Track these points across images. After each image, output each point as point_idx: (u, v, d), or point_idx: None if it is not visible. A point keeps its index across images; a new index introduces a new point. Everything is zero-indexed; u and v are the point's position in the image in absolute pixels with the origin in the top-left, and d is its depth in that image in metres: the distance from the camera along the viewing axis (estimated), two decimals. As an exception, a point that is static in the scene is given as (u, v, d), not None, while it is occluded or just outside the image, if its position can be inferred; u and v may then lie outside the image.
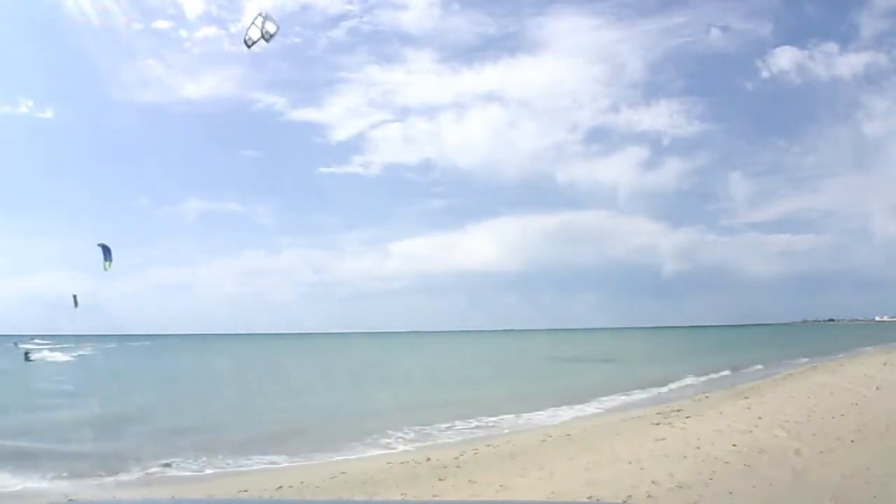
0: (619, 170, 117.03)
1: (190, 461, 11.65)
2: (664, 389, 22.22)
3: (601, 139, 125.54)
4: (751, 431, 11.02)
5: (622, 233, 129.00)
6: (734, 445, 9.79)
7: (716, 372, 27.45)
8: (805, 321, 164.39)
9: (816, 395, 15.88)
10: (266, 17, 9.55)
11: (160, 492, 10.00)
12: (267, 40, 9.71)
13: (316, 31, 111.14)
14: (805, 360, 32.98)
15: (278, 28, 9.75)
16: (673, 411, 14.82)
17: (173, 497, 8.74)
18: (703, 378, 25.38)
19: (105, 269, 13.53)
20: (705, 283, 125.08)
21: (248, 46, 9.76)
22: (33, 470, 10.52)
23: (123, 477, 10.53)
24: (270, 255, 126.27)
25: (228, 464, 11.57)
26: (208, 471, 11.19)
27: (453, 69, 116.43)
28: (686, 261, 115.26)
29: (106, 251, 13.77)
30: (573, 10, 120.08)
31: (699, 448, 9.79)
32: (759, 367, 29.72)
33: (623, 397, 20.44)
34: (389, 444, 13.30)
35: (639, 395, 20.84)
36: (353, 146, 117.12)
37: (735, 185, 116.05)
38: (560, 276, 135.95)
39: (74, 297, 14.50)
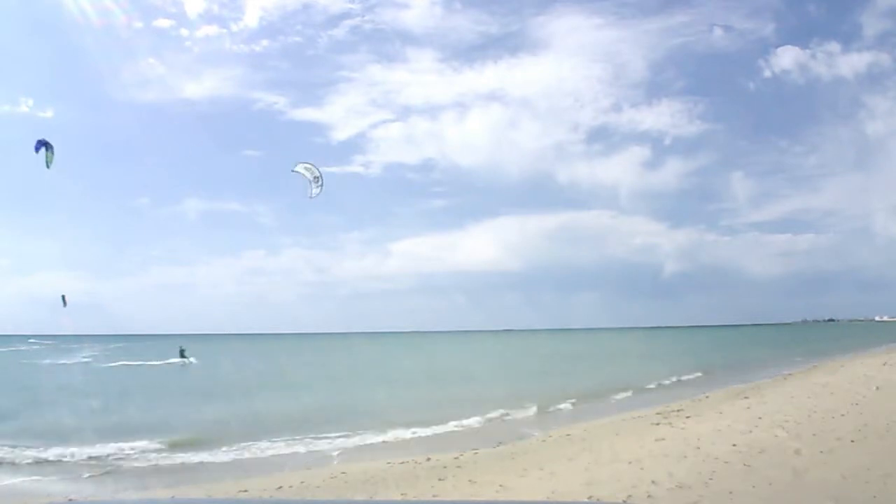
0: (621, 169, 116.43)
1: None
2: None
3: (603, 139, 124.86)
4: (751, 431, 11.01)
5: (623, 232, 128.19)
6: (734, 445, 9.79)
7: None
8: (805, 321, 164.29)
9: (816, 395, 15.87)
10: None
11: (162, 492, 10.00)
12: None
13: (317, 30, 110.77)
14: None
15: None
16: (673, 411, 14.82)
17: (173, 497, 8.74)
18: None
19: (47, 165, 12.04)
20: (706, 282, 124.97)
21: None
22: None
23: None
24: (271, 255, 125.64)
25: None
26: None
27: (455, 68, 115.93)
28: (687, 260, 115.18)
29: (42, 144, 12.04)
30: (575, 9, 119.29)
31: (699, 448, 9.79)
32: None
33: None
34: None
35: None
36: (354, 146, 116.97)
37: (736, 184, 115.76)
38: (561, 276, 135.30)
39: (63, 297, 14.23)
